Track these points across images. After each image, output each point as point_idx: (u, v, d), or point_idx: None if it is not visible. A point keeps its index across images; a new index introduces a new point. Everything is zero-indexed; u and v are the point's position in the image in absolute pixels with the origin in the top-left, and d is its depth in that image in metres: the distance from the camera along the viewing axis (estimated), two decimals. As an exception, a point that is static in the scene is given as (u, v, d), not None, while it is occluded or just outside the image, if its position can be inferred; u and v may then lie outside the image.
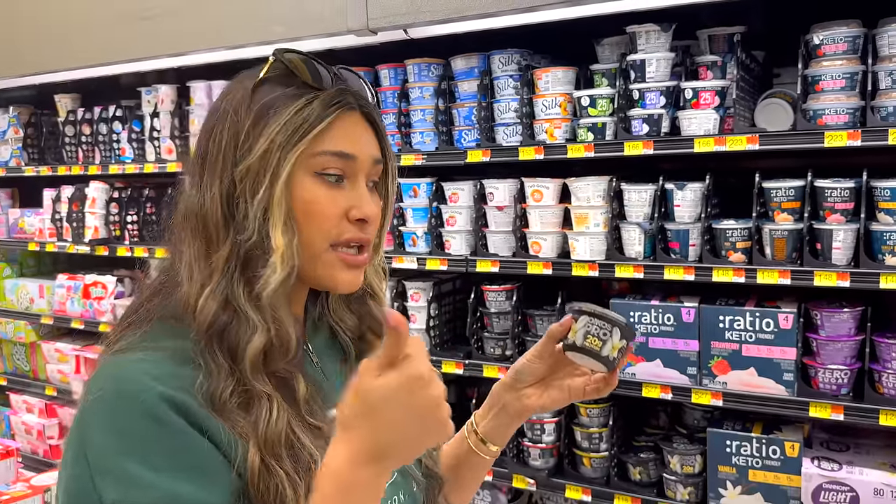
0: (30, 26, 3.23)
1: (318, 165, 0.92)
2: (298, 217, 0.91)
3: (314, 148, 0.91)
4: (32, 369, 3.94)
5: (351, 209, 0.93)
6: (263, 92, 0.92)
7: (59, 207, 3.56)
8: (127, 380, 0.82)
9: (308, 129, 0.90)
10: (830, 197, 2.01)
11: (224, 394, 0.85)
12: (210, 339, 0.88)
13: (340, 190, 0.94)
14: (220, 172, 0.91)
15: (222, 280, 0.89)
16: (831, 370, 2.03)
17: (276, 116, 0.90)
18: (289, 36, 2.34)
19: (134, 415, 0.80)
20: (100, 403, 0.81)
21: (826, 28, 2.00)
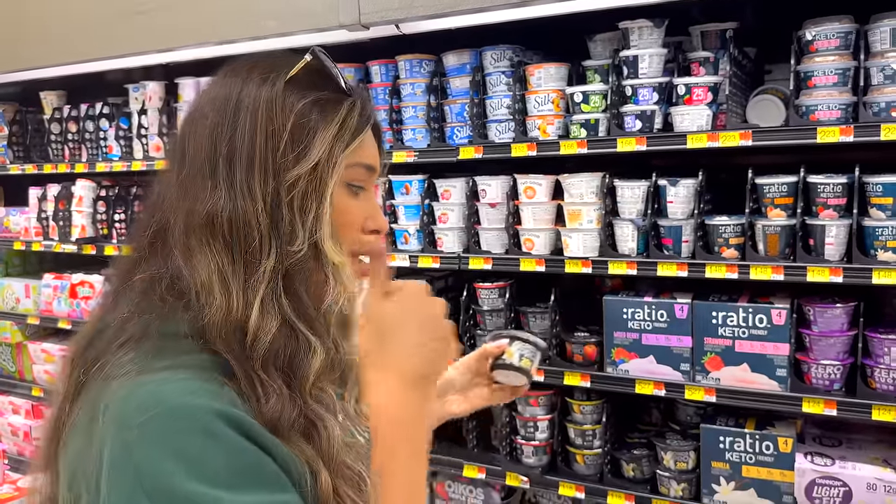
0: (13, 21, 3.19)
1: (350, 176, 0.90)
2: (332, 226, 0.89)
3: (351, 160, 0.90)
4: (18, 370, 3.89)
5: (367, 220, 0.93)
6: (297, 92, 0.86)
7: (46, 206, 3.51)
8: (171, 400, 0.73)
9: (352, 139, 0.89)
10: (823, 192, 2.01)
11: (288, 421, 0.78)
12: (266, 361, 0.80)
13: (359, 201, 0.93)
14: (261, 177, 0.83)
15: (270, 296, 0.81)
16: (824, 365, 2.03)
17: (324, 123, 0.86)
18: (280, 31, 2.32)
19: (190, 433, 0.71)
20: (149, 428, 0.72)
21: (818, 24, 2.00)
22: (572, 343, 2.37)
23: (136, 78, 3.29)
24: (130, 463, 0.70)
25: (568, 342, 2.38)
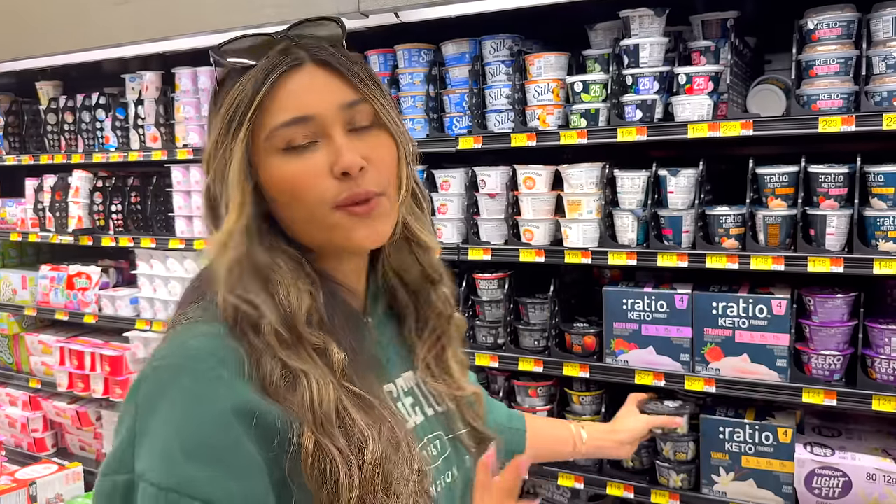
0: (8, 11, 3.16)
1: (279, 142, 0.88)
2: (286, 200, 0.90)
3: (265, 128, 0.88)
4: (15, 361, 3.88)
5: (333, 167, 0.89)
6: (222, 88, 0.94)
7: (42, 197, 3.50)
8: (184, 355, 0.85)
9: (243, 112, 0.88)
10: (824, 182, 2.00)
11: (273, 375, 0.85)
12: (238, 328, 0.87)
13: (314, 153, 0.90)
14: (206, 169, 0.95)
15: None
16: (824, 356, 2.03)
17: (216, 107, 0.92)
18: (277, 19, 2.30)
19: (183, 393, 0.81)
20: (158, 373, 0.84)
21: (820, 13, 1.99)
22: (571, 334, 2.36)
23: (132, 68, 3.27)
24: (135, 396, 0.83)
25: (567, 333, 2.37)
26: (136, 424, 0.81)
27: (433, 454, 1.00)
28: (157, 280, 3.22)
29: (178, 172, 3.09)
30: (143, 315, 3.29)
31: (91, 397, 3.43)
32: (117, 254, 3.62)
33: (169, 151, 3.05)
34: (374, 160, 0.91)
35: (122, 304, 3.34)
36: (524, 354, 2.40)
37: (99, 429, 3.54)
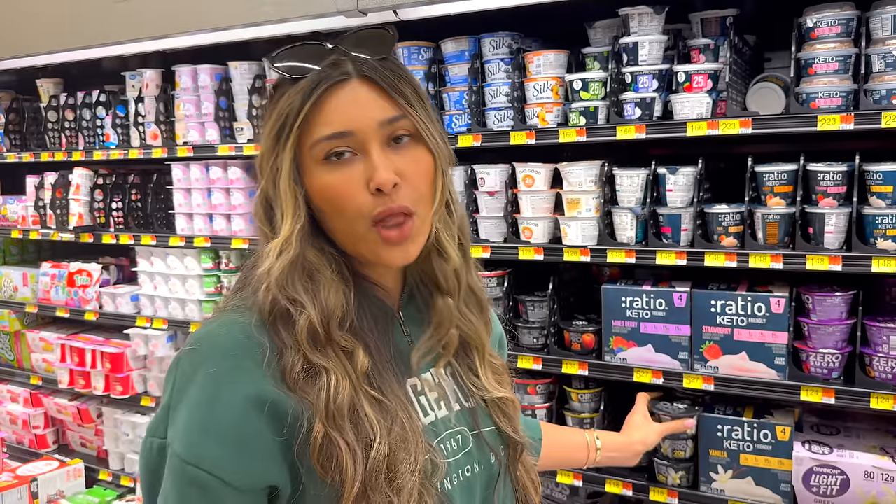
0: (8, 8, 3.17)
1: (320, 153, 0.93)
2: (326, 209, 0.95)
3: (310, 137, 0.93)
4: (17, 358, 3.89)
5: (368, 181, 0.93)
6: (275, 95, 0.98)
7: (43, 194, 3.50)
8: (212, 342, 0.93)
9: (291, 123, 0.93)
10: (823, 181, 2.00)
11: (295, 368, 0.92)
12: (273, 321, 0.94)
13: (352, 166, 0.94)
14: (260, 175, 0.99)
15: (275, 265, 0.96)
16: (823, 354, 2.03)
17: (268, 119, 0.97)
18: (277, 17, 2.30)
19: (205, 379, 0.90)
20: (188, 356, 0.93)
21: (819, 11, 1.98)
22: (570, 331, 2.36)
23: (132, 65, 3.27)
24: (174, 373, 0.94)
25: (566, 330, 2.38)
26: (171, 399, 0.92)
27: (452, 448, 1.03)
28: (158, 277, 3.23)
29: (178, 170, 3.09)
30: (144, 312, 3.29)
31: (92, 394, 3.44)
32: (118, 251, 3.63)
33: (169, 149, 3.06)
34: (410, 176, 0.94)
35: (123, 302, 3.35)
36: (523, 352, 2.41)
37: (100, 426, 3.55)
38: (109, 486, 3.38)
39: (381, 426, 0.91)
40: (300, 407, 0.90)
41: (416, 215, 0.96)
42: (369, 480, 0.89)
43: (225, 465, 0.88)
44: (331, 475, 0.89)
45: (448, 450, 1.02)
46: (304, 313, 0.93)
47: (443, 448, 1.01)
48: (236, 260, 3.12)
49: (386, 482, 0.90)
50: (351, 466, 0.89)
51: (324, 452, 0.89)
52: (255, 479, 0.89)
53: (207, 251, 3.10)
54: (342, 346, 0.95)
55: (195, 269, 3.12)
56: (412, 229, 0.96)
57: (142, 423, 3.36)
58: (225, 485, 0.88)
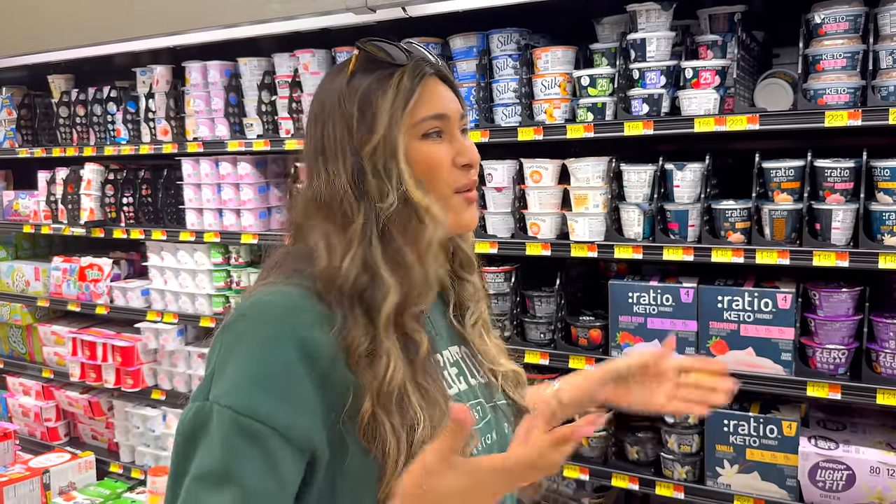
0: (20, 5, 3.19)
1: (422, 130, 1.03)
2: (423, 175, 1.03)
3: (414, 117, 1.03)
4: (29, 352, 3.93)
5: (457, 157, 1.05)
6: (357, 81, 1.03)
7: (54, 189, 3.54)
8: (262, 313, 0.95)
9: (405, 100, 1.02)
10: (830, 177, 2.00)
11: (360, 347, 0.95)
12: (351, 298, 0.97)
13: (443, 144, 1.05)
14: (343, 159, 1.02)
15: (360, 248, 0.99)
16: (829, 350, 2.04)
17: (381, 99, 1.01)
18: (286, 14, 2.32)
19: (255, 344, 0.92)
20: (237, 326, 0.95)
21: (827, 7, 1.98)
22: (577, 327, 2.38)
23: (143, 61, 3.29)
24: (219, 342, 0.95)
25: (573, 326, 2.39)
26: (216, 365, 0.93)
27: (476, 418, 1.08)
28: (168, 272, 3.25)
29: (188, 165, 3.12)
30: (154, 306, 3.32)
31: (103, 387, 3.48)
32: (128, 246, 3.66)
33: (179, 144, 3.08)
34: (476, 162, 1.09)
35: (134, 296, 3.38)
36: (530, 347, 2.42)
37: (111, 418, 3.59)
38: (120, 478, 3.41)
39: (424, 411, 0.96)
40: (348, 379, 0.94)
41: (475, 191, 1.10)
42: (412, 459, 0.91)
43: (278, 415, 0.89)
44: (374, 450, 0.93)
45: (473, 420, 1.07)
46: (391, 294, 0.97)
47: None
48: (246, 255, 3.14)
49: None
50: (394, 448, 0.93)
51: (369, 431, 0.93)
52: (303, 433, 0.91)
53: (217, 246, 3.12)
54: (410, 332, 1.00)
55: (205, 263, 3.14)
56: (476, 198, 1.10)
57: (152, 416, 3.39)
58: (278, 434, 0.89)
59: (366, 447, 0.94)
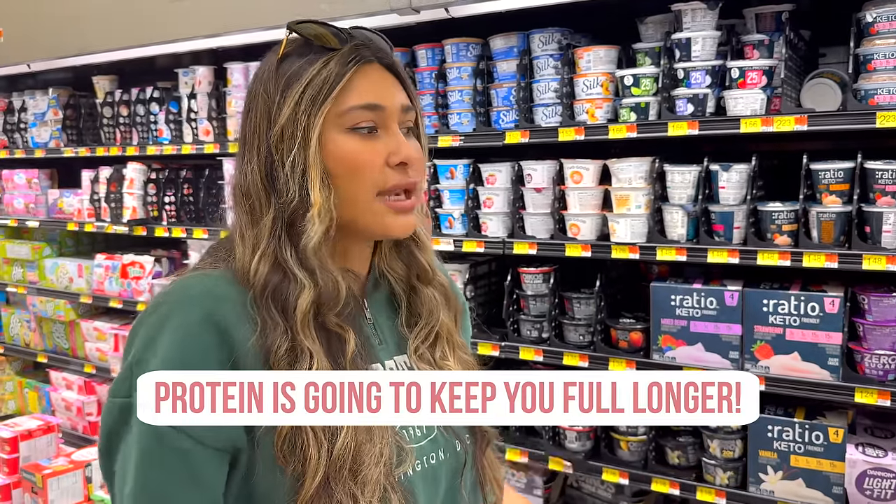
0: (66, 8, 3.26)
1: (348, 121, 0.96)
2: (340, 173, 0.96)
3: (340, 106, 0.95)
4: (71, 347, 4.01)
5: (390, 155, 0.97)
6: (286, 65, 0.97)
7: (98, 188, 3.60)
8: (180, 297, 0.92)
9: (329, 88, 0.94)
10: (881, 179, 1.96)
11: (279, 350, 0.90)
12: (265, 298, 0.93)
13: (376, 140, 0.97)
14: (257, 146, 0.96)
15: (271, 243, 0.95)
16: (878, 355, 1.99)
17: (297, 82, 0.94)
18: (330, 15, 2.33)
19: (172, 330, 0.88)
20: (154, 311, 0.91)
21: (879, 5, 1.94)
22: (617, 329, 2.36)
23: (185, 63, 3.34)
24: (137, 330, 0.92)
25: (613, 328, 2.37)
26: (135, 357, 0.89)
27: (416, 435, 1.01)
28: (208, 270, 3.29)
29: (229, 165, 3.15)
30: (194, 304, 3.37)
31: (143, 383, 3.53)
32: (170, 244, 3.72)
33: (221, 145, 3.12)
34: (415, 161, 1.00)
35: (174, 293, 3.43)
36: (569, 349, 2.41)
37: (150, 414, 3.64)
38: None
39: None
40: None
41: (415, 195, 1.01)
42: (332, 472, 0.88)
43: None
44: (292, 464, 0.88)
45: (411, 436, 1.00)
46: (305, 293, 0.92)
47: (405, 434, 0.99)
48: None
49: (350, 475, 0.89)
50: (315, 456, 0.87)
51: (289, 439, 0.88)
52: (222, 435, 0.87)
53: (256, 245, 3.15)
54: (334, 331, 0.94)
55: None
56: (414, 205, 1.01)
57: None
58: (195, 442, 0.86)
59: (280, 461, 0.88)
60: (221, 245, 1.03)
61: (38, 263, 4.02)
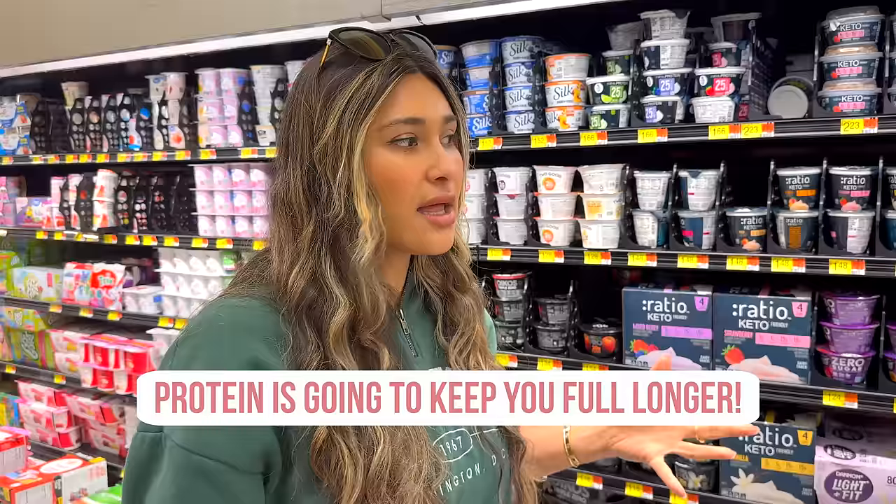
0: (34, 13, 3.22)
1: (389, 134, 0.94)
2: (381, 187, 0.94)
3: (382, 120, 0.93)
4: (41, 357, 3.94)
5: (430, 169, 0.95)
6: (328, 75, 0.94)
7: (67, 196, 3.56)
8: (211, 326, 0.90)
9: (372, 101, 0.92)
10: (846, 185, 2.00)
11: (310, 366, 0.89)
12: (299, 314, 0.91)
13: (416, 153, 0.95)
14: (300, 157, 0.94)
15: (310, 258, 0.93)
16: (845, 358, 2.02)
17: (340, 95, 0.92)
18: (300, 22, 2.33)
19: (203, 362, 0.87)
20: (186, 341, 0.89)
21: (843, 14, 1.98)
22: (591, 335, 2.37)
23: (156, 69, 3.31)
24: (169, 362, 0.89)
25: (586, 334, 2.38)
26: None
27: (452, 450, 1.00)
28: (181, 278, 3.26)
29: (201, 172, 3.13)
30: (167, 313, 3.33)
31: (115, 394, 3.49)
32: (141, 252, 3.68)
33: (192, 151, 3.09)
34: (454, 173, 0.98)
35: (146, 302, 3.39)
36: (543, 355, 2.42)
37: (122, 425, 3.59)
38: (131, 484, 3.42)
39: (384, 431, 0.89)
40: None
41: (454, 209, 0.99)
42: (370, 488, 0.87)
43: (230, 447, 0.85)
44: (327, 479, 0.87)
45: (447, 451, 0.99)
46: (341, 311, 0.90)
47: (442, 449, 0.98)
48: (258, 261, 3.14)
49: (388, 490, 0.87)
50: (351, 473, 0.86)
51: (323, 455, 0.87)
52: (257, 460, 0.87)
53: (230, 253, 3.13)
54: (369, 347, 0.92)
55: (217, 270, 3.15)
56: (453, 219, 0.99)
57: (163, 423, 3.39)
58: (231, 469, 0.85)
59: (318, 477, 0.87)
60: (258, 259, 1.00)
61: (7, 273, 3.95)
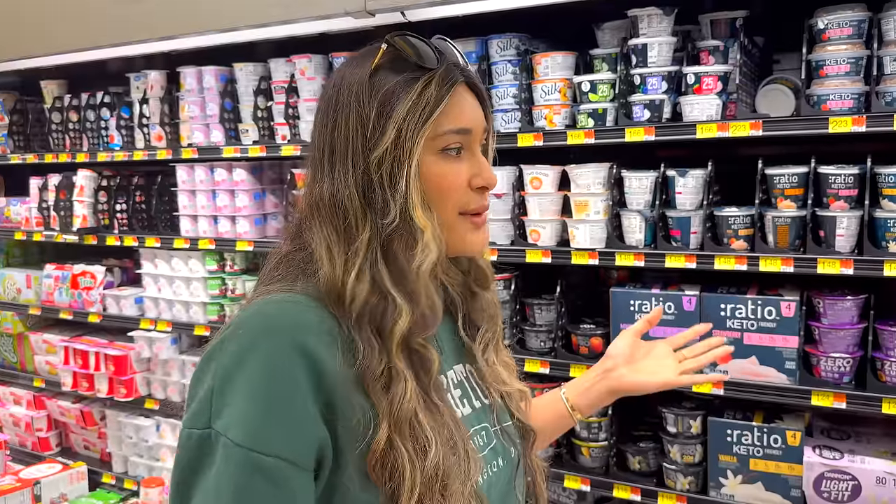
0: (12, 10, 3.16)
1: (441, 143, 0.96)
2: (430, 194, 0.96)
3: (437, 129, 0.95)
4: (20, 360, 3.88)
5: (473, 178, 0.99)
6: (380, 79, 0.95)
7: (46, 196, 3.49)
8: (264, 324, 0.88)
9: (430, 111, 0.94)
10: (834, 183, 1.98)
11: (376, 372, 0.90)
12: (360, 318, 0.91)
13: (461, 162, 0.99)
14: (353, 162, 0.94)
15: (365, 264, 0.93)
16: (834, 358, 2.01)
17: (400, 103, 0.93)
18: (283, 18, 2.29)
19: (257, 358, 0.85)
20: (236, 333, 0.87)
21: (831, 12, 1.97)
22: (578, 335, 2.35)
23: (137, 66, 3.26)
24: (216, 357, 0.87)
25: (574, 334, 2.36)
26: (214, 386, 0.85)
27: (479, 444, 1.03)
28: (162, 279, 3.21)
29: (182, 172, 3.08)
30: (148, 314, 3.28)
31: (95, 397, 3.43)
32: (122, 253, 3.62)
33: (174, 150, 3.05)
34: (493, 184, 1.03)
35: (127, 304, 3.34)
36: (531, 356, 2.39)
37: (103, 428, 3.53)
38: (113, 489, 3.36)
39: (434, 433, 0.91)
40: (356, 401, 0.88)
41: (485, 213, 1.04)
42: (426, 489, 0.88)
43: (290, 445, 0.84)
44: (388, 485, 0.87)
45: (477, 446, 1.02)
46: (404, 316, 0.91)
47: (476, 450, 1.01)
48: (241, 262, 3.10)
49: (440, 490, 0.89)
50: (409, 474, 0.87)
51: (383, 459, 0.87)
52: (313, 454, 0.86)
53: (212, 253, 3.08)
54: (418, 350, 0.94)
55: (200, 271, 3.11)
56: (485, 221, 1.05)
57: (145, 426, 3.34)
58: (291, 465, 0.84)
59: (375, 479, 0.88)
60: (292, 260, 0.98)
61: (-16, 274, 3.88)
